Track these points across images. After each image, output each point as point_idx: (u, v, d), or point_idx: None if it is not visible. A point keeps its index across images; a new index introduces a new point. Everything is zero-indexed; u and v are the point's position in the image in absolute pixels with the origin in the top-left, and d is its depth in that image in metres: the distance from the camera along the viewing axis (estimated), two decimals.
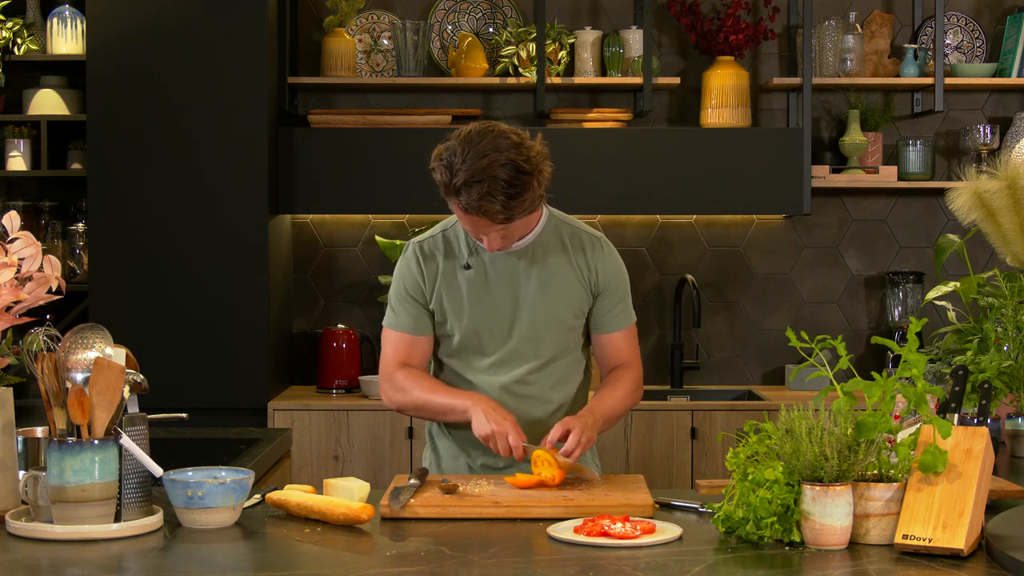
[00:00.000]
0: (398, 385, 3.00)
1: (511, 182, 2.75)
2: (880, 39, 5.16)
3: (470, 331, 2.97)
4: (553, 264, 2.98)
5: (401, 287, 3.02)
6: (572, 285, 2.98)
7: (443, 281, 2.98)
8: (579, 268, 2.99)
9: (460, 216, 2.85)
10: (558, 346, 3.00)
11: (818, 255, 5.25)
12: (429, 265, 2.99)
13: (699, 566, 2.14)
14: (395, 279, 3.04)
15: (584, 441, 2.79)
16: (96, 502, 2.33)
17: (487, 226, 2.82)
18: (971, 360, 3.12)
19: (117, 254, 4.67)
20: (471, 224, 2.84)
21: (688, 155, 4.86)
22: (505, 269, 2.97)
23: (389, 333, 3.04)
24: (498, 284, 2.96)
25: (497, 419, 2.81)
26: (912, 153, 5.07)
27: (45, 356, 2.37)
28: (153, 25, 4.65)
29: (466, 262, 2.97)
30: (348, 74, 5.02)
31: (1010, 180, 3.28)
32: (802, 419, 2.25)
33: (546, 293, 2.96)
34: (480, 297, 2.96)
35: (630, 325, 3.07)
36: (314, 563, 2.22)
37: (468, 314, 2.96)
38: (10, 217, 2.51)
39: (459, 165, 2.75)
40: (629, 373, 3.05)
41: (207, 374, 4.66)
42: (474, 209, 2.77)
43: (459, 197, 2.77)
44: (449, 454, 3.09)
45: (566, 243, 3.00)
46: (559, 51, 5.02)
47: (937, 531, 2.14)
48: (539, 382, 2.99)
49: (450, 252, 2.99)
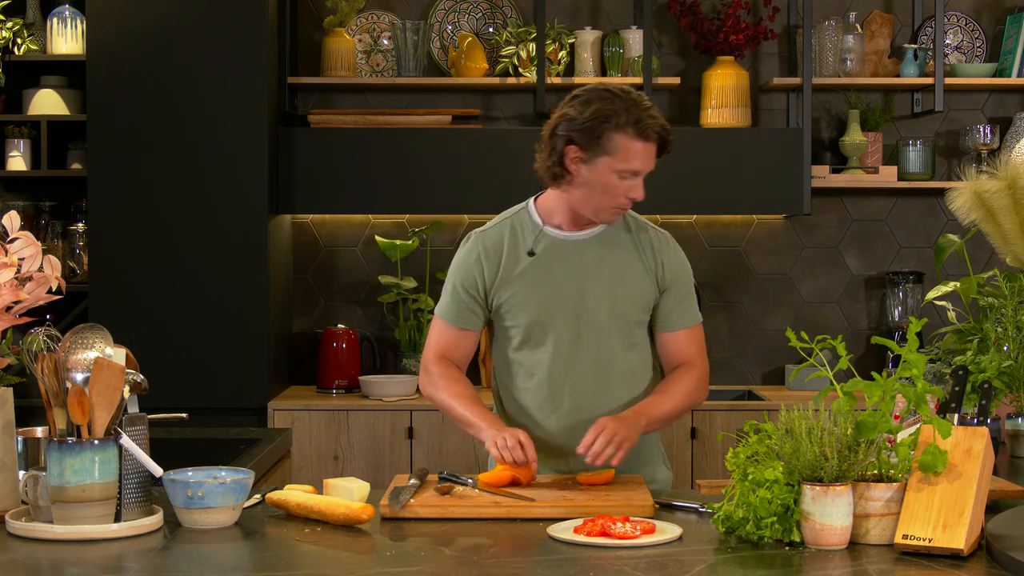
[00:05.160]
0: (433, 380, 2.97)
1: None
2: (880, 39, 5.16)
3: (535, 320, 2.92)
4: (620, 255, 2.94)
5: (457, 279, 2.99)
6: (639, 277, 2.94)
7: (506, 271, 2.94)
8: (646, 261, 2.95)
9: (633, 153, 2.81)
10: (624, 340, 2.94)
11: (818, 255, 5.25)
12: (491, 257, 2.95)
13: (699, 566, 2.14)
14: (452, 269, 3.01)
15: (617, 441, 2.72)
16: (96, 502, 2.32)
17: (653, 160, 2.85)
18: (971, 360, 3.12)
19: (117, 254, 4.67)
20: (644, 158, 2.83)
21: (688, 155, 4.86)
22: (571, 258, 2.93)
23: (437, 321, 3.01)
24: (564, 272, 2.92)
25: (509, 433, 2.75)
26: (912, 153, 5.07)
27: (45, 356, 2.37)
28: (153, 25, 4.66)
29: (531, 248, 2.93)
30: (348, 74, 5.02)
31: (1010, 180, 3.28)
32: (802, 419, 2.25)
33: (613, 283, 2.92)
34: (545, 284, 2.91)
35: (695, 324, 3.00)
36: (314, 563, 2.22)
37: (534, 300, 2.91)
38: (10, 217, 2.51)
39: (629, 101, 2.81)
40: (691, 372, 2.97)
41: (207, 374, 4.66)
42: (656, 131, 2.81)
43: (647, 119, 2.80)
44: None
45: (633, 236, 2.97)
46: (559, 51, 5.02)
47: (937, 531, 2.14)
48: (605, 376, 2.93)
49: (514, 241, 2.95)
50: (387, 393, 4.77)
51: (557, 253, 2.93)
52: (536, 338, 2.93)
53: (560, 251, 2.93)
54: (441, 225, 5.09)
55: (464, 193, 4.90)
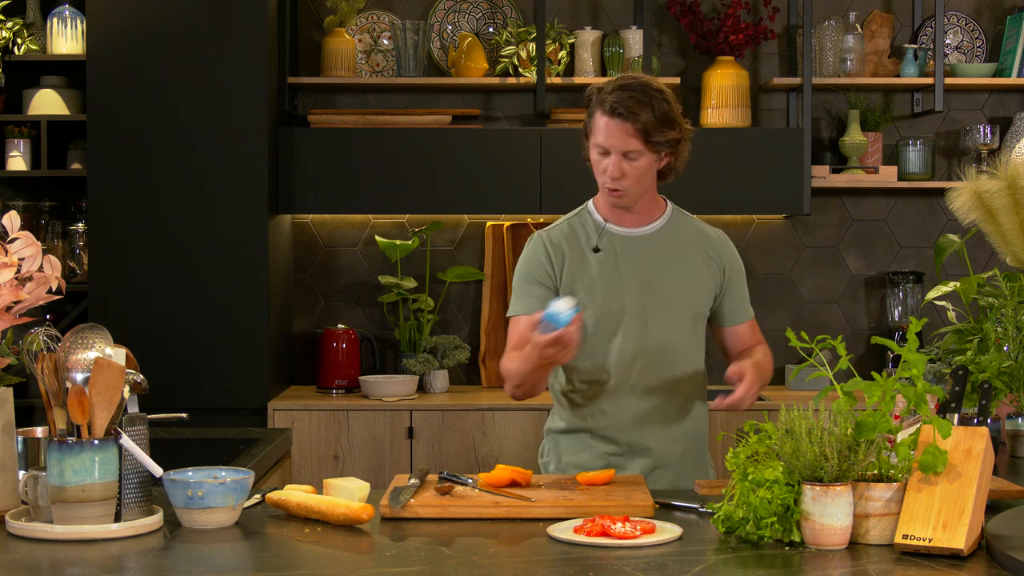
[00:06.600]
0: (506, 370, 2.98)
1: (662, 107, 2.87)
2: (880, 39, 5.16)
3: (603, 313, 2.97)
4: (681, 250, 3.04)
5: (526, 274, 3.03)
6: (701, 270, 3.04)
7: (572, 266, 3.00)
8: (707, 256, 3.06)
9: (599, 128, 2.89)
10: (687, 332, 3.02)
11: (818, 255, 5.25)
12: (557, 252, 3.01)
13: (699, 566, 2.13)
14: (519, 268, 3.05)
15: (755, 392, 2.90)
16: (96, 502, 2.32)
17: (622, 136, 2.87)
18: (971, 360, 3.12)
19: (117, 254, 4.67)
20: (606, 133, 2.88)
21: (688, 155, 4.86)
22: (635, 251, 3.01)
23: (511, 324, 3.04)
24: (628, 265, 2.99)
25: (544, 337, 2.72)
26: (912, 153, 5.07)
27: (45, 356, 2.37)
28: (153, 25, 4.65)
29: (596, 244, 3.00)
30: (348, 74, 5.02)
31: (1010, 180, 3.28)
32: (802, 419, 2.25)
33: (676, 276, 3.01)
34: (612, 277, 2.99)
35: (753, 317, 3.16)
36: (314, 563, 2.22)
37: (601, 294, 2.98)
38: (10, 217, 2.51)
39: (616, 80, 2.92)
40: (763, 347, 3.14)
41: (207, 374, 4.66)
42: (622, 108, 2.84)
43: (610, 95, 2.85)
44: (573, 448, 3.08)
45: (693, 233, 3.08)
46: (559, 51, 5.02)
47: (937, 531, 2.14)
48: (671, 366, 3.00)
49: (577, 239, 3.03)
50: (387, 393, 4.77)
51: (622, 248, 3.01)
52: (604, 332, 2.99)
53: (624, 246, 3.02)
54: (441, 225, 5.09)
55: (464, 193, 4.90)
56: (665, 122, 2.89)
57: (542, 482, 2.74)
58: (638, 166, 2.92)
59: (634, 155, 2.91)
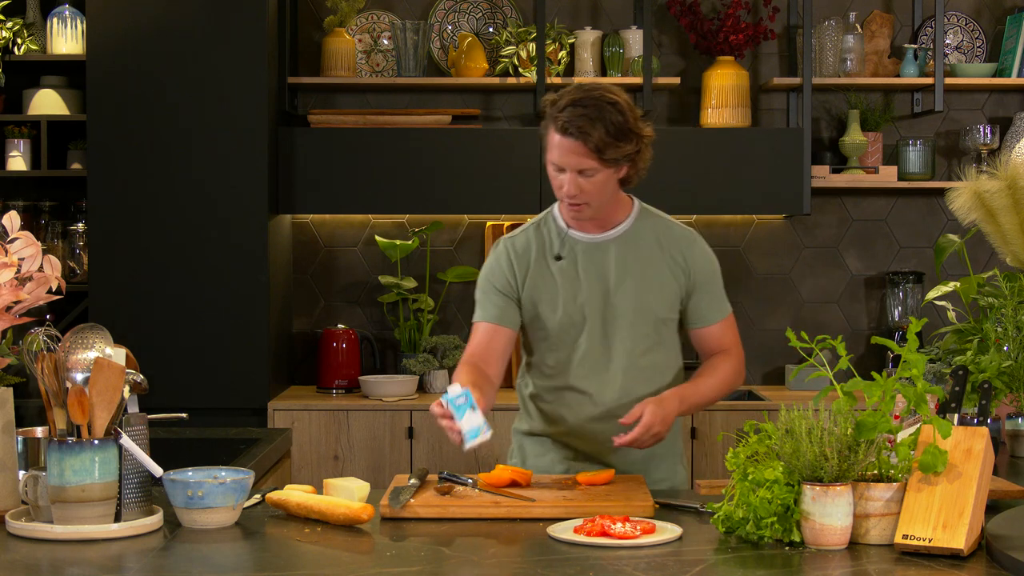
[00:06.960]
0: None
1: (615, 121, 2.80)
2: (880, 39, 5.16)
3: (564, 322, 2.96)
4: (645, 255, 2.99)
5: (487, 282, 3.03)
6: (664, 276, 2.99)
7: (535, 273, 2.99)
8: (671, 260, 3.00)
9: (552, 145, 2.85)
10: (651, 338, 2.99)
11: (818, 255, 5.25)
12: (520, 261, 3.00)
13: (699, 566, 2.14)
14: (482, 275, 3.05)
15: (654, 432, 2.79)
16: (96, 502, 2.32)
17: (575, 156, 2.82)
18: (971, 360, 3.12)
19: (117, 254, 4.67)
20: (560, 152, 2.84)
21: (688, 155, 4.86)
22: (597, 258, 2.98)
23: (472, 329, 3.05)
24: (590, 274, 2.97)
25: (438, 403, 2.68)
26: (912, 153, 5.07)
27: (45, 356, 2.37)
28: (153, 25, 4.65)
29: (557, 252, 2.99)
30: (348, 74, 5.02)
31: (1010, 180, 3.28)
32: (802, 419, 2.25)
33: (638, 282, 2.97)
34: (573, 286, 2.97)
35: (727, 316, 3.08)
36: (314, 563, 2.22)
37: (562, 302, 2.97)
38: (10, 217, 2.51)
39: (569, 93, 2.84)
40: (727, 357, 3.05)
41: (207, 374, 4.66)
42: (573, 128, 2.79)
43: (562, 113, 2.81)
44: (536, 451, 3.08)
45: (658, 235, 3.01)
46: (559, 51, 5.02)
47: (937, 531, 2.14)
48: (634, 374, 2.97)
49: (542, 245, 3.01)
50: (387, 393, 4.77)
51: (583, 256, 2.98)
52: (566, 340, 2.98)
53: (586, 253, 2.99)
54: (441, 225, 5.09)
55: (464, 193, 4.90)
56: (620, 136, 2.82)
57: (542, 482, 2.74)
58: (595, 182, 2.87)
59: (590, 172, 2.86)
